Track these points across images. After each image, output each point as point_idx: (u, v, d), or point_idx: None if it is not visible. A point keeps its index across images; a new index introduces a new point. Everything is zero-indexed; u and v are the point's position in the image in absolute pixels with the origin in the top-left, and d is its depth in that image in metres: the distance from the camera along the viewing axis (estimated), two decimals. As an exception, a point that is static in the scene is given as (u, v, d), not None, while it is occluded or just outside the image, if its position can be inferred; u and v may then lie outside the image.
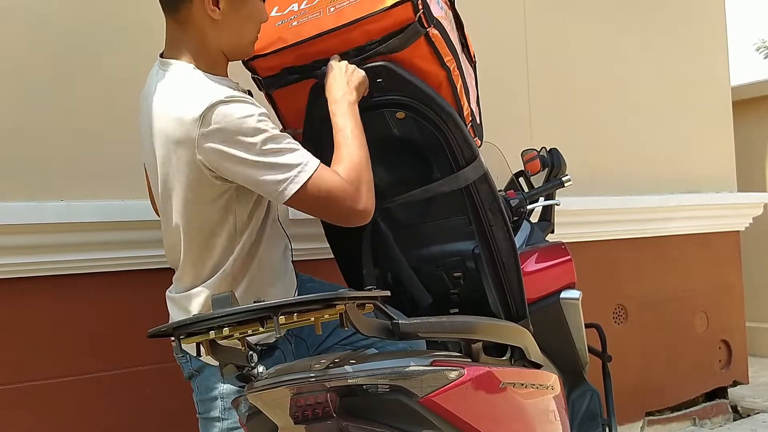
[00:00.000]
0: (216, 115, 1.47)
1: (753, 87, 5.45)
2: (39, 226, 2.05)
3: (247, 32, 1.67)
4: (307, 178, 1.50)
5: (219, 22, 1.60)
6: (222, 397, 1.68)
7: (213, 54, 1.64)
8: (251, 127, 1.48)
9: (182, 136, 1.51)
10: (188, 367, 1.72)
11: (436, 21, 1.68)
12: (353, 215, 1.55)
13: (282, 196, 1.51)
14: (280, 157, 1.50)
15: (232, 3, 1.60)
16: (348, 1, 1.69)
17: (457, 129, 1.75)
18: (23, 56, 2.10)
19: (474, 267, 1.94)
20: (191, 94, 1.52)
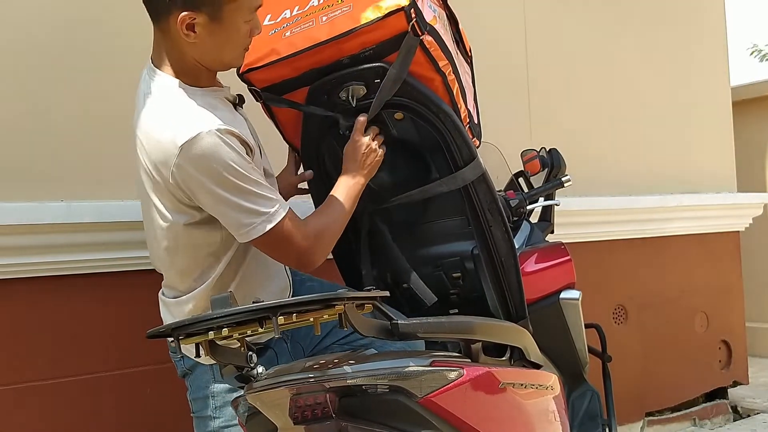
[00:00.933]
0: (196, 147, 1.48)
1: (753, 87, 5.45)
2: (39, 226, 2.06)
3: (229, 52, 1.63)
4: (270, 227, 1.56)
5: (195, 44, 1.57)
6: (213, 395, 1.70)
7: (193, 67, 1.61)
8: (230, 165, 1.50)
9: (162, 159, 1.52)
10: (181, 366, 1.75)
11: (429, 27, 1.68)
12: (301, 265, 1.67)
13: (245, 237, 1.57)
14: (252, 202, 1.53)
15: (209, 27, 1.55)
16: (340, 10, 1.69)
17: (455, 129, 1.75)
18: (23, 57, 2.10)
19: (473, 267, 1.94)
20: (174, 120, 1.53)
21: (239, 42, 1.62)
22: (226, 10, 1.54)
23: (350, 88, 1.71)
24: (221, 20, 1.54)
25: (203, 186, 1.50)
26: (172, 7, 1.52)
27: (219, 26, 1.55)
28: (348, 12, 1.67)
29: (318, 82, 1.74)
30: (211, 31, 1.55)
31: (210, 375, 1.70)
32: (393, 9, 1.62)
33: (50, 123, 2.13)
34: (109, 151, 2.18)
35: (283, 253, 1.63)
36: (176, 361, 1.76)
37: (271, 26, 1.79)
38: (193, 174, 1.49)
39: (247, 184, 1.52)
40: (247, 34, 1.62)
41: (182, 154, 1.48)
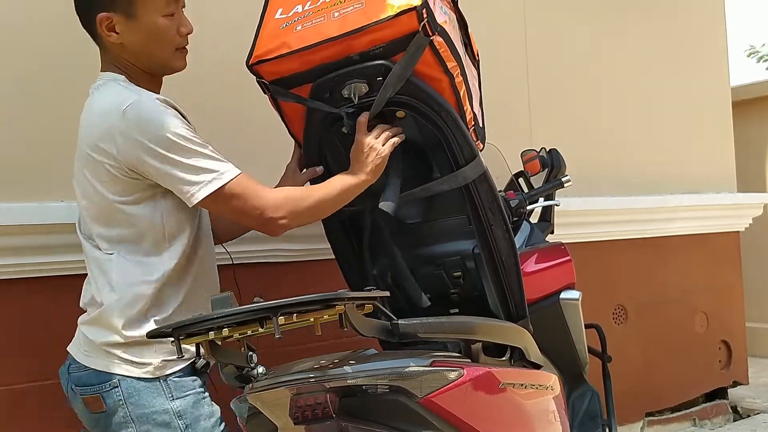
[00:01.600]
0: (140, 111, 1.50)
1: (753, 87, 5.46)
2: (39, 226, 2.05)
3: (156, 50, 1.63)
4: (220, 185, 1.53)
5: (122, 45, 1.60)
6: (179, 415, 1.55)
7: (133, 71, 1.64)
8: (175, 128, 1.51)
9: (105, 132, 1.51)
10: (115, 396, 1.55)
11: (440, 28, 1.68)
12: (263, 225, 1.60)
13: (194, 197, 1.53)
14: (199, 162, 1.52)
15: (128, 26, 1.59)
16: (352, 7, 1.69)
17: (457, 128, 1.75)
18: (23, 58, 2.10)
19: (474, 267, 1.94)
20: (116, 94, 1.55)
21: (165, 39, 1.63)
22: (138, 5, 1.57)
23: (353, 85, 1.71)
24: (137, 17, 1.58)
25: (148, 150, 1.49)
26: (91, 11, 1.58)
27: (136, 23, 1.59)
28: (360, 9, 1.67)
29: (321, 78, 1.74)
30: (131, 29, 1.59)
31: (163, 391, 1.55)
32: (405, 8, 1.62)
33: (50, 123, 2.13)
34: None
35: (242, 210, 1.57)
36: (104, 393, 1.55)
37: (283, 20, 1.79)
38: (137, 138, 1.49)
39: (193, 145, 1.52)
40: (174, 32, 1.64)
41: (125, 119, 1.49)
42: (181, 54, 1.68)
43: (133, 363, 1.55)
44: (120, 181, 1.54)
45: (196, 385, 1.59)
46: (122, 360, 1.55)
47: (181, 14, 1.66)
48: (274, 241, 2.45)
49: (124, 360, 1.55)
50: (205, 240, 1.71)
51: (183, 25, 1.65)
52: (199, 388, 1.60)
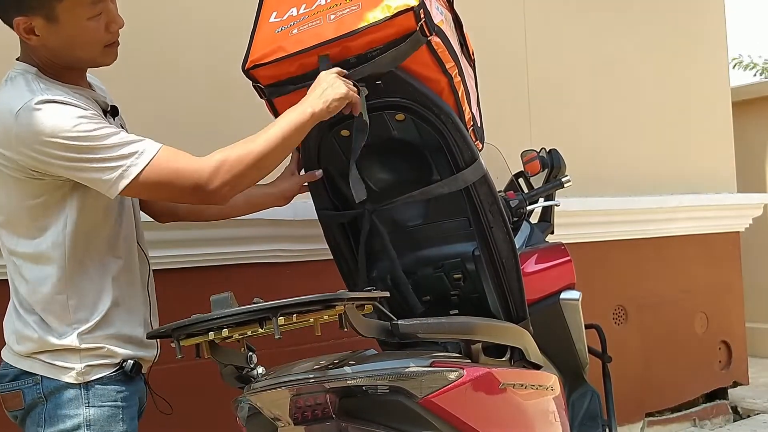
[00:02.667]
0: (32, 115, 1.39)
1: (753, 88, 5.47)
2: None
3: (81, 50, 1.52)
4: (142, 167, 1.42)
5: (45, 46, 1.48)
6: (88, 424, 1.46)
7: (51, 65, 1.52)
8: (71, 126, 1.40)
9: (2, 135, 1.42)
10: (35, 392, 1.48)
11: (437, 28, 1.67)
12: (202, 198, 1.49)
13: (115, 189, 1.43)
14: (108, 151, 1.41)
15: (49, 29, 1.46)
16: (348, 9, 1.68)
17: (457, 130, 1.75)
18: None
19: (474, 268, 1.94)
20: (16, 94, 1.44)
21: (92, 38, 1.51)
22: (60, 9, 1.45)
23: None
24: (58, 20, 1.45)
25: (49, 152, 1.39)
26: (10, 16, 1.47)
27: (59, 26, 1.46)
28: (356, 11, 1.66)
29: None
30: (53, 31, 1.47)
31: (80, 397, 1.47)
32: (402, 9, 1.61)
33: None
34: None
35: (173, 187, 1.46)
36: (25, 388, 1.49)
37: (278, 24, 1.78)
38: (35, 141, 1.39)
39: (96, 140, 1.41)
40: (102, 31, 1.51)
41: (19, 122, 1.39)
42: (110, 50, 1.55)
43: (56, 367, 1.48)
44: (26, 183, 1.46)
45: (119, 397, 1.50)
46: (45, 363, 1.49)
47: (110, 9, 1.52)
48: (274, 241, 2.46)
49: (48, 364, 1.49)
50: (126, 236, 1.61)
51: (113, 21, 1.52)
52: (121, 401, 1.50)
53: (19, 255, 1.51)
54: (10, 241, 1.53)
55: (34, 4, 1.44)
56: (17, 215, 1.49)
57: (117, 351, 1.48)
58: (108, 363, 1.48)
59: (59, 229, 1.48)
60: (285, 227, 2.43)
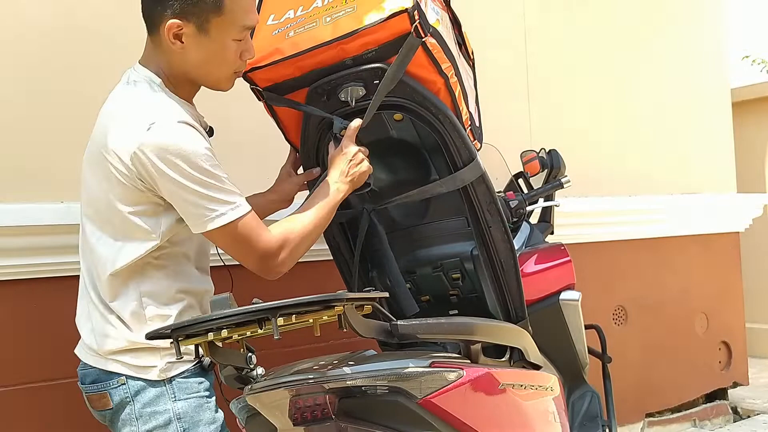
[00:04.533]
0: (165, 133, 1.45)
1: (752, 88, 5.46)
2: (38, 227, 2.05)
3: (216, 70, 1.60)
4: (234, 218, 1.50)
5: (182, 54, 1.55)
6: (179, 417, 1.54)
7: (178, 77, 1.60)
8: (195, 156, 1.46)
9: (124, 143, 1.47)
10: (122, 393, 1.55)
11: (432, 29, 1.68)
12: (264, 269, 1.57)
13: (204, 226, 1.50)
14: (215, 192, 1.49)
15: (196, 39, 1.53)
16: (343, 11, 1.69)
17: (455, 130, 1.75)
18: (23, 58, 2.10)
19: (472, 268, 1.94)
20: (146, 103, 1.51)
21: (227, 61, 1.59)
22: (214, 23, 1.52)
23: (349, 89, 1.71)
24: (208, 33, 1.53)
25: (162, 172, 1.45)
26: (163, 15, 1.52)
27: (206, 39, 1.54)
28: (352, 13, 1.67)
29: (317, 82, 1.74)
30: (198, 42, 1.54)
31: (166, 393, 1.55)
32: (396, 10, 1.61)
33: (50, 124, 2.13)
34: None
35: (244, 251, 1.54)
36: (111, 389, 1.56)
37: (275, 26, 1.79)
38: (154, 159, 1.45)
39: (208, 176, 1.48)
40: (237, 55, 1.60)
41: (149, 135, 1.44)
42: (234, 77, 1.65)
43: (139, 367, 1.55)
44: (127, 189, 1.51)
45: (201, 388, 1.57)
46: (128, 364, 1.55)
47: (248, 39, 1.61)
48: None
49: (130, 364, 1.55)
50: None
51: (247, 50, 1.61)
52: (204, 391, 1.57)
53: (101, 253, 1.56)
54: (93, 235, 1.58)
55: (194, 10, 1.51)
56: (108, 214, 1.54)
57: (192, 348, 1.50)
58: (186, 359, 1.52)
59: (147, 237, 1.54)
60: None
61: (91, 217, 1.59)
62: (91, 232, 1.58)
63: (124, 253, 1.54)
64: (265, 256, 1.54)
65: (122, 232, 1.54)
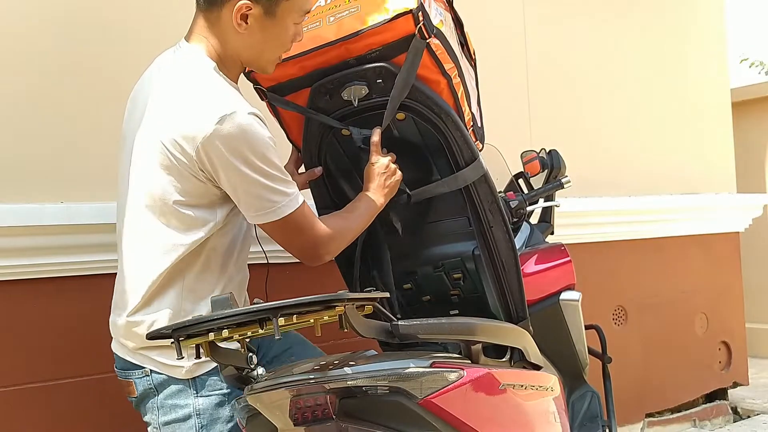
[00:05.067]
0: (237, 126, 1.47)
1: (752, 88, 5.46)
2: (38, 228, 2.05)
3: (270, 52, 1.63)
4: (294, 209, 1.56)
5: (243, 35, 1.57)
6: (198, 413, 1.58)
7: (231, 58, 1.62)
8: (264, 149, 1.51)
9: (190, 132, 1.48)
10: (145, 383, 1.60)
11: (436, 30, 1.68)
12: (308, 257, 1.66)
13: (265, 217, 1.55)
14: (277, 183, 1.53)
15: (262, 22, 1.57)
16: (347, 11, 1.69)
17: (457, 130, 1.76)
18: (23, 58, 2.10)
19: (474, 268, 1.94)
20: (211, 95, 1.52)
21: (283, 43, 1.63)
22: (282, 6, 1.56)
23: (352, 88, 1.72)
24: (274, 16, 1.57)
25: (231, 161, 1.48)
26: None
27: (271, 22, 1.57)
28: (355, 13, 1.67)
29: (319, 82, 1.74)
30: (263, 25, 1.57)
31: (189, 389, 1.59)
32: (401, 12, 1.62)
33: (50, 124, 2.13)
34: (108, 153, 2.17)
35: (296, 239, 1.61)
36: (136, 379, 1.61)
37: None
38: (224, 148, 1.47)
39: (273, 167, 1.52)
40: (291, 38, 1.63)
41: (218, 125, 1.46)
42: (278, 60, 1.68)
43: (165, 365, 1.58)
44: (185, 179, 1.53)
45: (223, 386, 1.60)
46: (154, 360, 1.59)
47: (301, 24, 1.65)
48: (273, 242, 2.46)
49: (157, 361, 1.59)
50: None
51: (299, 33, 1.65)
52: (227, 389, 1.60)
53: (144, 245, 1.57)
54: (137, 226, 1.59)
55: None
56: (159, 204, 1.55)
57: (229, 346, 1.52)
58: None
59: (199, 228, 1.56)
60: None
61: (134, 208, 1.59)
62: (134, 222, 1.59)
63: (171, 246, 1.55)
64: (316, 245, 1.62)
65: (174, 223, 1.55)
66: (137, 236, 1.60)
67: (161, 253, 1.56)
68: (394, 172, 1.78)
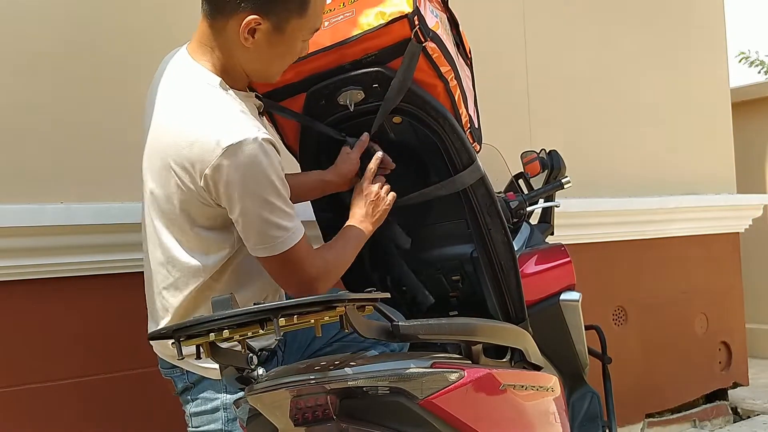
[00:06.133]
0: (240, 153, 1.43)
1: (752, 89, 5.46)
2: (38, 228, 2.05)
3: (276, 66, 1.61)
4: (291, 245, 1.53)
5: (249, 49, 1.52)
6: (225, 407, 1.65)
7: (236, 70, 1.58)
8: (268, 177, 1.47)
9: (197, 157, 1.46)
10: (182, 381, 1.69)
11: (432, 33, 1.68)
12: (303, 291, 1.59)
13: (265, 251, 1.53)
14: (278, 217, 1.50)
15: (270, 38, 1.52)
16: (342, 16, 1.69)
17: (454, 133, 1.76)
18: (23, 58, 2.10)
19: (472, 270, 1.94)
20: (218, 119, 1.47)
21: (289, 59, 1.61)
22: (292, 23, 1.51)
23: (348, 93, 1.71)
24: (284, 32, 1.52)
25: (236, 193, 1.46)
26: (240, 8, 1.48)
27: (279, 38, 1.52)
28: (350, 17, 1.67)
29: (315, 86, 1.74)
30: (270, 41, 1.52)
31: (220, 386, 1.65)
32: (396, 16, 1.62)
33: (50, 125, 2.13)
34: (108, 153, 2.18)
35: (291, 275, 1.58)
36: (175, 376, 1.70)
37: None
38: (229, 179, 1.44)
39: (277, 199, 1.49)
40: (297, 54, 1.61)
41: (224, 156, 1.43)
42: (282, 72, 1.66)
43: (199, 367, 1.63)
44: (197, 204, 1.52)
45: None
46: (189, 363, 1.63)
47: (308, 41, 1.62)
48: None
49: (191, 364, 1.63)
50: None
51: (305, 49, 1.62)
52: None
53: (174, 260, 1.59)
54: (166, 240, 1.60)
55: (276, 9, 1.48)
56: (180, 224, 1.57)
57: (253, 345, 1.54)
58: None
59: (220, 248, 1.58)
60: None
61: (163, 223, 1.60)
62: (163, 235, 1.60)
63: (198, 266, 1.57)
64: (309, 282, 1.58)
65: (196, 244, 1.57)
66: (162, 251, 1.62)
67: (186, 276, 1.59)
68: (382, 199, 1.75)
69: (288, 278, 1.60)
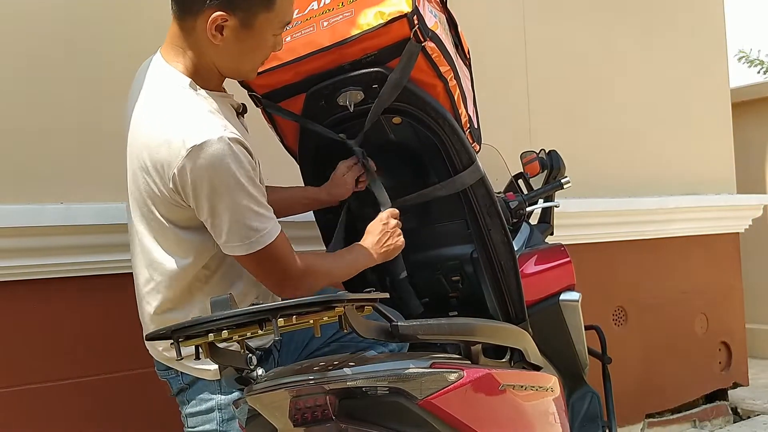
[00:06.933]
0: (204, 153, 1.42)
1: (752, 89, 5.46)
2: (38, 228, 2.05)
3: (248, 61, 1.59)
4: (265, 245, 1.50)
5: (219, 46, 1.51)
6: (220, 408, 1.65)
7: (207, 70, 1.56)
8: (235, 176, 1.44)
9: (165, 159, 1.45)
10: (178, 382, 1.69)
11: (431, 33, 1.68)
12: (282, 289, 1.59)
13: (238, 250, 1.51)
14: (249, 217, 1.48)
15: (238, 34, 1.50)
16: (341, 15, 1.68)
17: (454, 133, 1.75)
18: (22, 58, 2.10)
19: (472, 271, 1.94)
20: (184, 121, 1.46)
21: (261, 54, 1.59)
22: (260, 18, 1.50)
23: (348, 93, 1.71)
24: (252, 28, 1.50)
25: (202, 193, 1.45)
26: (206, 6, 1.47)
27: (248, 33, 1.51)
28: (349, 17, 1.66)
29: (315, 87, 1.74)
30: (239, 37, 1.51)
31: (215, 386, 1.65)
32: (396, 16, 1.61)
33: (49, 125, 2.13)
34: (108, 154, 2.17)
35: (269, 272, 1.57)
36: (170, 378, 1.70)
37: None
38: (194, 180, 1.43)
39: (245, 198, 1.46)
40: (271, 49, 1.59)
41: (189, 157, 1.42)
42: (257, 69, 1.65)
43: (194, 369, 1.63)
44: (171, 206, 1.52)
45: None
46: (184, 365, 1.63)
47: (281, 35, 1.60)
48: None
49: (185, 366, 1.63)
50: None
51: (279, 44, 1.60)
52: None
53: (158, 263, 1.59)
54: (149, 244, 1.59)
55: (242, 4, 1.47)
56: (159, 228, 1.56)
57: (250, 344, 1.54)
58: None
59: (202, 249, 1.56)
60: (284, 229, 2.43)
61: (144, 226, 1.59)
62: (144, 237, 1.60)
63: (182, 267, 1.57)
64: (288, 279, 1.57)
65: (175, 246, 1.56)
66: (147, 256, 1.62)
67: (167, 278, 1.59)
68: (398, 234, 1.75)
69: (266, 274, 1.57)
